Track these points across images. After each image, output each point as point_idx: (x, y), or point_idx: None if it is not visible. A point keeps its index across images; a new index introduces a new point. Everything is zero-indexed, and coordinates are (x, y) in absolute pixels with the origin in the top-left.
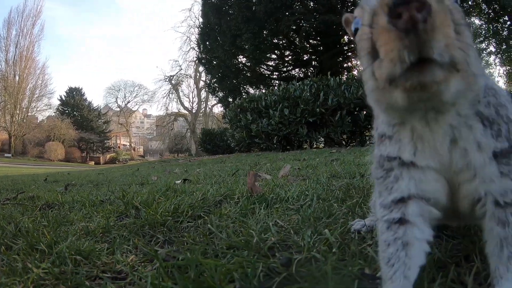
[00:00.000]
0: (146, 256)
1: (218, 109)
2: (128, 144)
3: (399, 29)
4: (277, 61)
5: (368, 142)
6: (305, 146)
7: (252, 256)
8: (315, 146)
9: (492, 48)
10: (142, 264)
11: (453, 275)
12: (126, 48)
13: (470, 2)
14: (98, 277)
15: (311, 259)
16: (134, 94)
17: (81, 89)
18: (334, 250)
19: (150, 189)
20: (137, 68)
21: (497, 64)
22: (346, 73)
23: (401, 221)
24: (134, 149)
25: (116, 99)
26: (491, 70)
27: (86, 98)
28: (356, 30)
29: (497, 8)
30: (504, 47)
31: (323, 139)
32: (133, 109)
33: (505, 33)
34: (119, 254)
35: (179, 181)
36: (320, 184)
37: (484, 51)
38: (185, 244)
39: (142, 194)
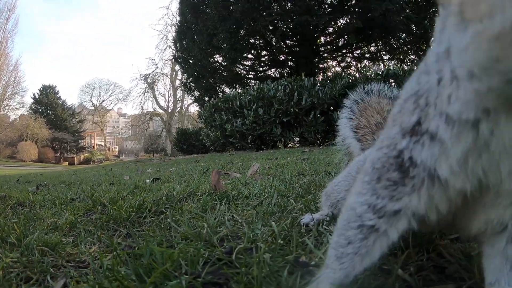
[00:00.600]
0: (108, 248)
1: (194, 109)
2: (102, 144)
3: None
4: (253, 61)
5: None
6: (279, 146)
7: (199, 246)
8: (289, 145)
9: None
10: (104, 254)
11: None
12: (102, 46)
13: None
14: (63, 266)
15: (253, 248)
16: (109, 93)
17: (55, 87)
18: (279, 241)
19: (118, 187)
20: (113, 66)
21: None
22: (321, 74)
23: (378, 230)
24: (109, 149)
25: (91, 97)
26: None
27: (60, 96)
28: None
29: None
30: None
31: (298, 139)
32: (108, 108)
33: None
34: (83, 246)
35: (149, 180)
36: (284, 181)
37: None
38: (145, 236)
39: (110, 192)
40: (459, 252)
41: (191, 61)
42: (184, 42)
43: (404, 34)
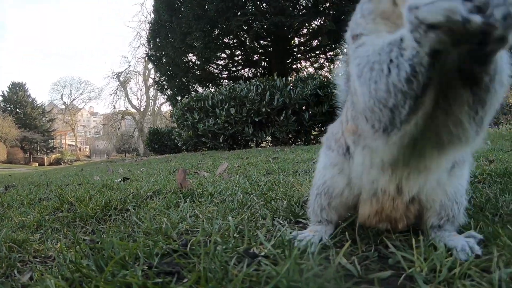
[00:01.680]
0: (73, 243)
1: (166, 108)
2: (73, 144)
3: None
4: (227, 61)
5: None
6: (251, 145)
7: (157, 239)
8: (261, 145)
9: None
10: (68, 249)
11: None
12: (74, 43)
13: None
14: (30, 261)
15: (207, 241)
16: (81, 91)
17: (25, 84)
18: (234, 234)
19: (86, 187)
20: (84, 64)
21: None
22: (294, 74)
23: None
24: (80, 149)
25: (62, 95)
26: None
27: (30, 94)
28: None
29: None
30: None
31: (270, 138)
32: (79, 107)
33: None
34: (49, 243)
35: (118, 180)
36: (249, 179)
37: None
38: (108, 232)
39: (78, 191)
40: (405, 244)
41: (164, 60)
42: (157, 40)
43: None
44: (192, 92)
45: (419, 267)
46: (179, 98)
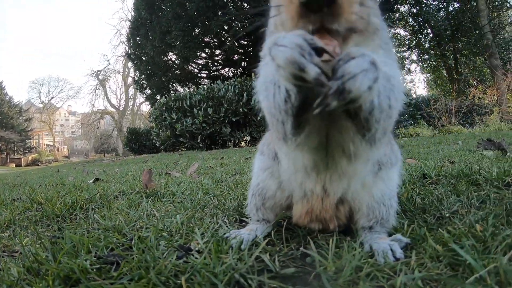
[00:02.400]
0: (38, 239)
1: (146, 107)
2: (51, 144)
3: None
4: (206, 60)
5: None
6: (229, 145)
7: (110, 235)
8: (239, 144)
9: (414, 57)
10: (35, 245)
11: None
12: (53, 40)
13: (397, 15)
14: None
15: (151, 237)
16: (59, 89)
17: (1, 82)
18: (181, 231)
19: (57, 188)
20: (63, 62)
21: (418, 71)
22: None
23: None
24: (58, 150)
25: (39, 94)
26: (412, 77)
27: (6, 92)
28: None
29: (421, 22)
30: (425, 56)
31: (249, 138)
32: (57, 106)
33: (427, 44)
34: (17, 239)
35: (91, 180)
36: (214, 180)
37: (407, 60)
38: (71, 229)
39: (48, 191)
40: (330, 244)
41: (143, 58)
42: (137, 38)
43: None
44: (172, 92)
45: (327, 266)
46: (158, 97)
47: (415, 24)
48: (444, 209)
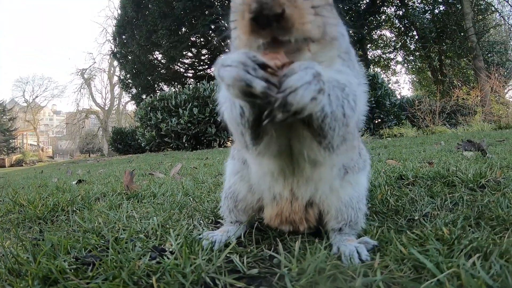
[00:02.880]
0: (19, 241)
1: (131, 107)
2: (36, 144)
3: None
4: (193, 59)
5: None
6: (214, 145)
7: (89, 236)
8: (225, 145)
9: (399, 58)
10: (15, 246)
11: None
12: (37, 37)
13: (383, 17)
14: None
15: (130, 239)
16: (43, 88)
17: None
18: (158, 232)
19: (40, 190)
20: (48, 60)
21: (403, 72)
22: None
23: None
24: (42, 150)
25: (24, 93)
26: (397, 78)
27: None
28: None
29: (407, 24)
30: (410, 58)
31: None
32: (42, 105)
33: (412, 46)
34: None
35: (74, 182)
36: (196, 181)
37: (392, 61)
38: (52, 231)
39: (31, 193)
40: (302, 247)
41: (129, 57)
42: (123, 37)
43: None
44: (157, 91)
45: (291, 267)
46: (144, 96)
47: (401, 26)
48: (416, 211)
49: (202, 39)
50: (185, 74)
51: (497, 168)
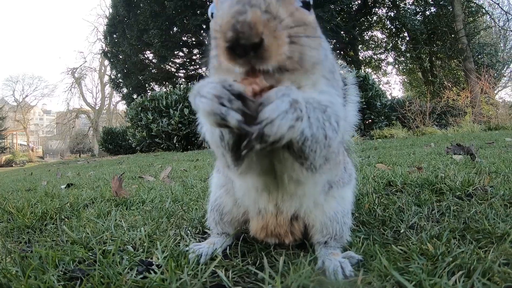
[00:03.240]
0: (8, 254)
1: (122, 106)
2: (25, 143)
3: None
4: (184, 59)
5: None
6: (205, 146)
7: (76, 249)
8: None
9: (390, 59)
10: (4, 260)
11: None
12: (27, 35)
13: (375, 18)
14: None
15: (117, 251)
16: (34, 87)
17: None
18: (145, 244)
19: (29, 195)
20: (38, 59)
21: (394, 73)
22: None
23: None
24: (32, 150)
25: (13, 92)
26: (388, 78)
27: None
28: (212, 14)
29: (398, 25)
30: (401, 59)
31: None
32: (32, 104)
33: (403, 47)
34: None
35: (63, 186)
36: (185, 186)
37: (383, 61)
38: (43, 242)
39: (19, 199)
40: (287, 261)
41: (120, 57)
42: (114, 36)
43: (334, 40)
44: (149, 91)
45: (275, 284)
46: (135, 96)
47: (392, 27)
48: (403, 222)
49: (193, 39)
50: (176, 74)
51: (485, 174)
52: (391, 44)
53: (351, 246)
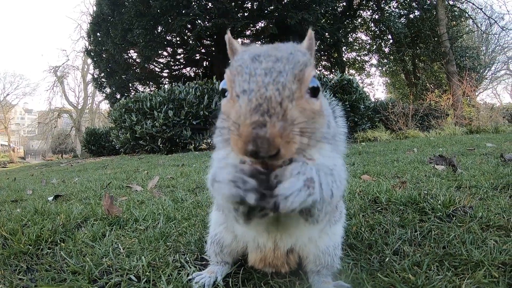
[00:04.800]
0: (11, 285)
1: (105, 106)
2: (6, 144)
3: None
4: (168, 59)
5: None
6: (190, 148)
7: (82, 281)
8: (200, 147)
9: (374, 61)
10: None
11: None
12: (9, 33)
13: (359, 20)
14: None
15: (121, 282)
16: (15, 86)
17: None
18: (147, 273)
19: (19, 214)
20: (20, 56)
21: (377, 75)
22: None
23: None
24: (13, 150)
25: None
26: (372, 80)
27: None
28: (223, 91)
29: (383, 28)
30: (385, 61)
31: (209, 141)
32: (13, 103)
33: (386, 49)
34: None
35: (51, 198)
36: (175, 200)
37: (367, 63)
38: (43, 271)
39: (11, 219)
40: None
41: (104, 56)
42: (98, 34)
43: (318, 42)
44: (132, 91)
45: None
46: (118, 96)
47: (376, 29)
48: (387, 246)
49: (178, 39)
50: (161, 74)
51: (466, 189)
52: (375, 46)
53: (341, 273)
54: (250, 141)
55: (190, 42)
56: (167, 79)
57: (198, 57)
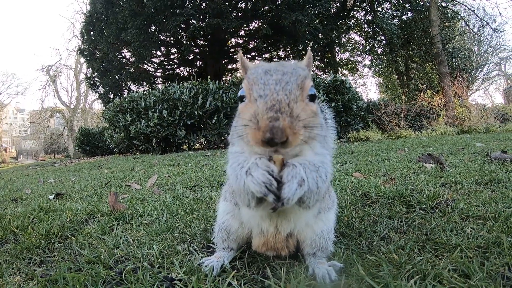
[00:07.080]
0: (28, 276)
1: (98, 105)
2: None
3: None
4: (162, 59)
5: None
6: (184, 147)
7: (99, 268)
8: (194, 147)
9: (367, 62)
10: (26, 282)
11: None
12: (1, 31)
13: (353, 20)
14: None
15: (138, 268)
16: (7, 85)
17: None
18: (159, 260)
19: (24, 211)
20: (12, 55)
21: (370, 75)
22: (230, 74)
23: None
24: (5, 150)
25: None
26: (364, 80)
27: None
28: (241, 97)
29: (376, 29)
30: (378, 61)
31: (203, 140)
32: (5, 103)
33: (379, 50)
34: (7, 276)
35: (52, 196)
36: (176, 197)
37: (360, 64)
38: (56, 262)
39: (17, 216)
40: (286, 270)
41: (97, 55)
42: (91, 33)
43: (311, 42)
44: (125, 90)
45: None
46: (111, 96)
47: (369, 30)
48: (376, 234)
49: (172, 38)
50: (154, 74)
51: (451, 185)
52: (368, 47)
53: (334, 255)
54: (268, 130)
55: (184, 42)
56: (160, 79)
57: (191, 57)
